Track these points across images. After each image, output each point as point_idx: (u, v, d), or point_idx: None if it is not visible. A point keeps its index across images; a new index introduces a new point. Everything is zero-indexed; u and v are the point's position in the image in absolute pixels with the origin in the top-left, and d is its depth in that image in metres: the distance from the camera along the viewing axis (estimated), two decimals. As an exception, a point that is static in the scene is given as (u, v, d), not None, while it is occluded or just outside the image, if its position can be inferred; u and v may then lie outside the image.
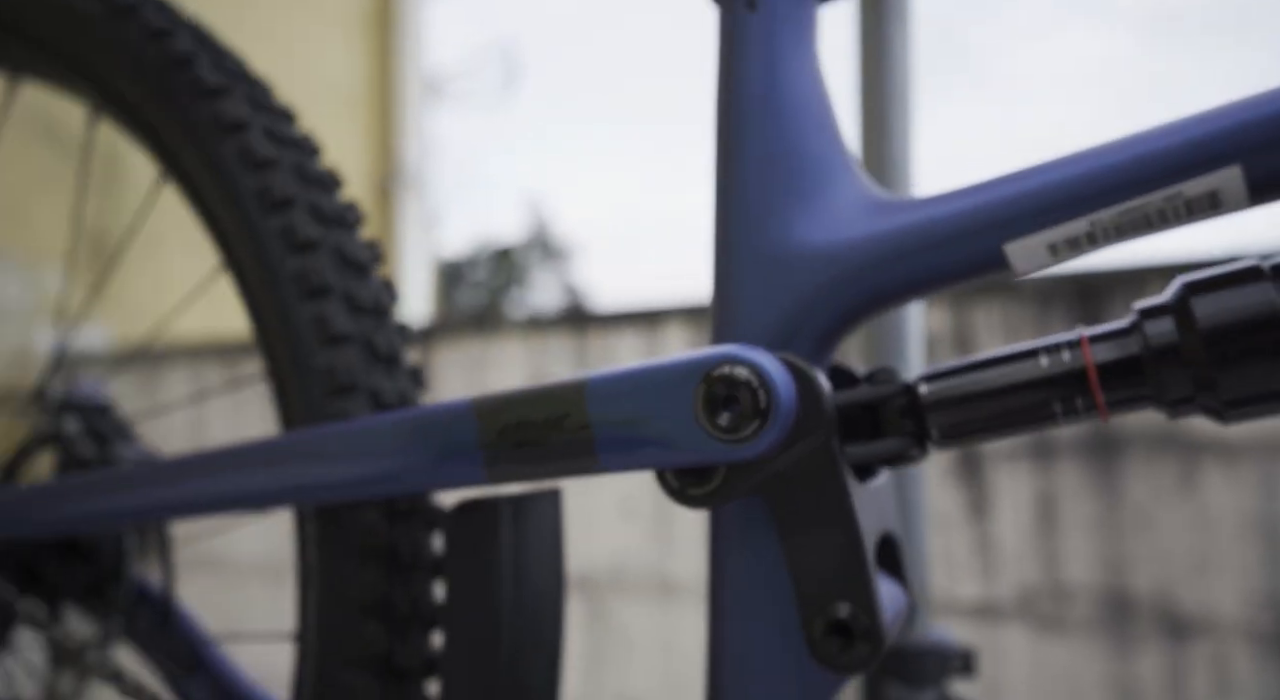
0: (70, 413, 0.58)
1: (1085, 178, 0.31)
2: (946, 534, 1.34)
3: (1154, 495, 1.21)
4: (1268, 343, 0.29)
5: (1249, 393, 0.29)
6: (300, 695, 0.44)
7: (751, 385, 0.32)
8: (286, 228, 0.44)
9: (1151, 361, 0.31)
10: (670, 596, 1.56)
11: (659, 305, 1.66)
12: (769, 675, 0.34)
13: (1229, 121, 0.30)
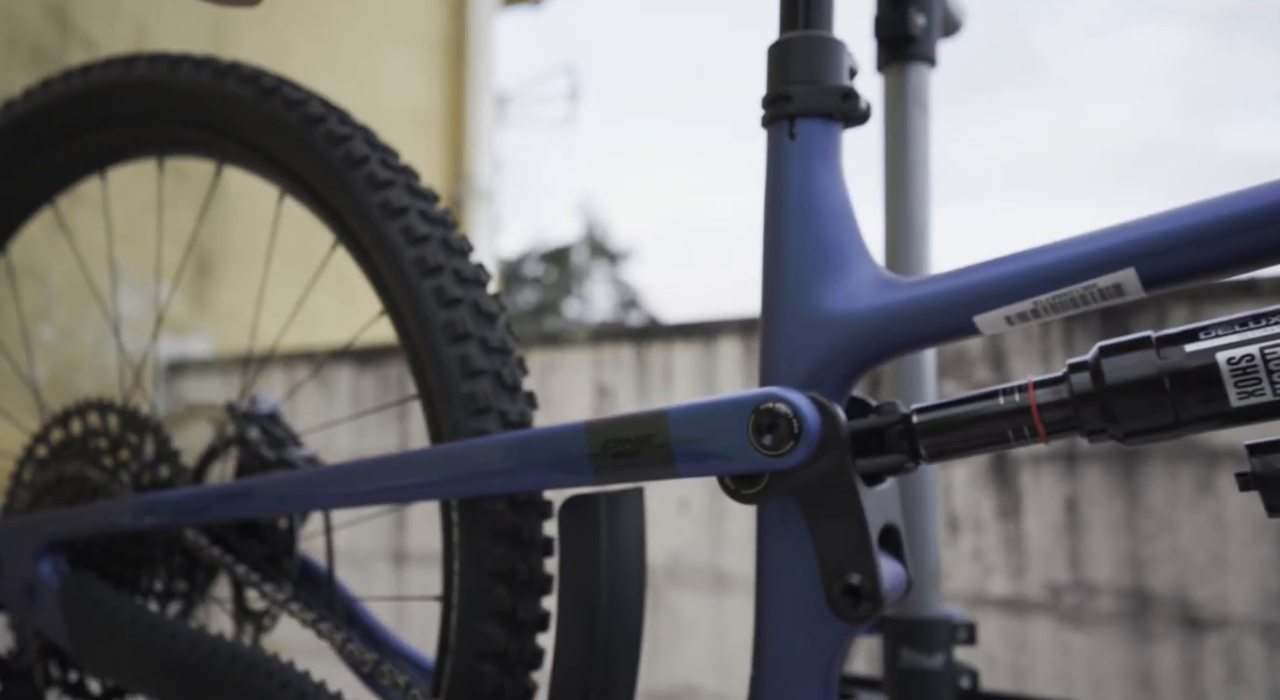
0: (251, 422, 0.73)
1: (1029, 271, 0.44)
2: (979, 534, 1.45)
3: (1172, 500, 1.31)
4: (1149, 392, 0.41)
5: (1138, 427, 0.42)
6: (446, 641, 0.58)
7: (788, 416, 0.45)
8: (437, 288, 0.59)
9: (1074, 403, 0.43)
10: (723, 588, 1.69)
11: (713, 318, 1.78)
12: (800, 624, 0.47)
13: (1126, 236, 0.42)
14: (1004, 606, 1.42)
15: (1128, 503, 1.35)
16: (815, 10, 0.51)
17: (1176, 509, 1.31)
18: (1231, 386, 0.39)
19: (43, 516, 0.64)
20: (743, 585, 1.66)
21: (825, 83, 0.50)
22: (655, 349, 1.82)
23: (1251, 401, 0.39)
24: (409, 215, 0.60)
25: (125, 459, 0.68)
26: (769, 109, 0.51)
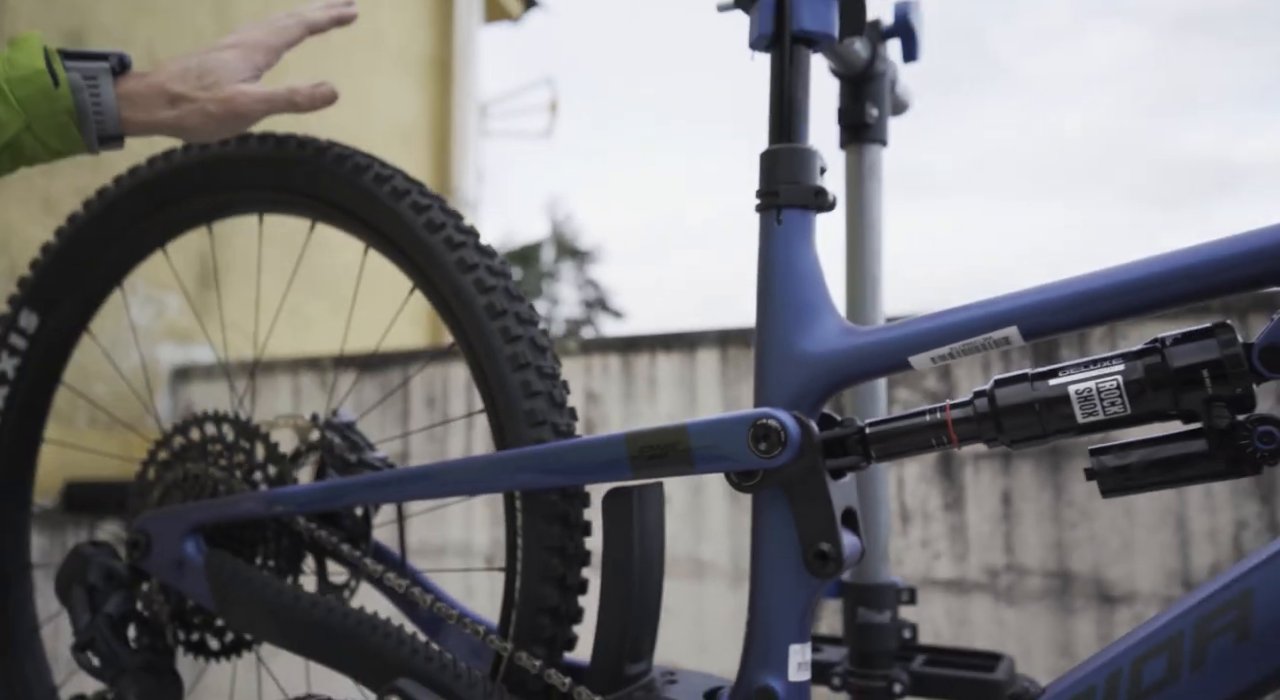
0: (334, 430, 0.90)
1: (946, 327, 0.62)
2: (927, 525, 1.65)
3: (1091, 493, 1.52)
4: (1025, 412, 0.60)
5: (1020, 437, 0.60)
6: (511, 600, 0.75)
7: (777, 429, 0.63)
8: (503, 328, 0.76)
9: (977, 419, 0.62)
10: (702, 576, 1.88)
11: (693, 330, 1.97)
12: (784, 580, 0.66)
13: (1012, 303, 0.61)
14: (948, 587, 1.62)
15: (1054, 496, 1.56)
16: (795, 128, 0.69)
17: (1094, 501, 1.52)
18: (1078, 409, 0.58)
19: (187, 506, 0.80)
20: (719, 573, 1.84)
21: (803, 183, 0.68)
22: (640, 359, 1.99)
23: (1091, 419, 0.58)
24: (479, 271, 0.77)
25: (239, 460, 0.85)
26: (762, 200, 0.69)
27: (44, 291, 0.96)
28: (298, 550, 0.84)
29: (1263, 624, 0.52)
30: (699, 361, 1.92)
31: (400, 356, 2.31)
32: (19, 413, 0.97)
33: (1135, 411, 0.56)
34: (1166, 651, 0.54)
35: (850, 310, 0.88)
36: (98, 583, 0.80)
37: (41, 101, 0.70)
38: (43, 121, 0.70)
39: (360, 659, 0.73)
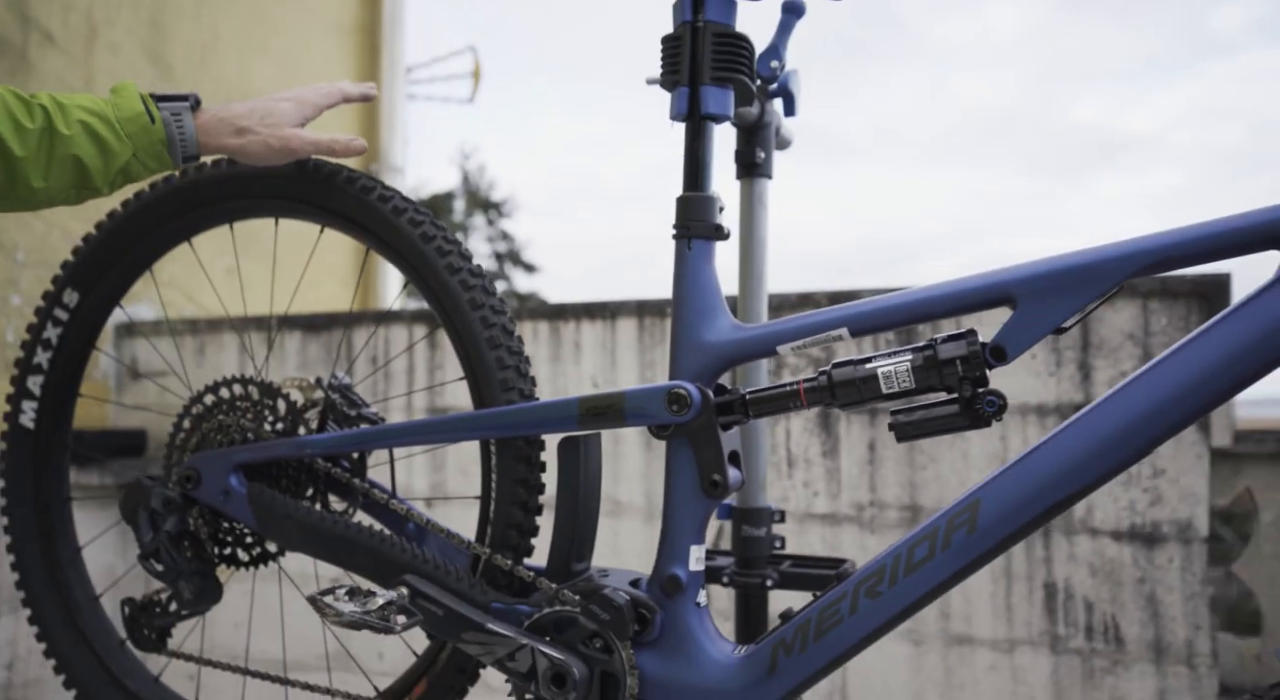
0: (336, 391, 1.13)
1: (800, 326, 0.90)
2: (809, 469, 1.98)
3: (936, 442, 1.86)
4: (850, 386, 0.88)
5: (845, 402, 0.89)
6: (486, 518, 1.01)
7: (684, 396, 0.90)
8: (482, 317, 1.01)
9: (819, 390, 0.90)
10: (619, 514, 2.17)
11: (614, 300, 2.23)
12: (687, 501, 0.93)
13: (846, 311, 0.89)
14: (824, 520, 1.95)
15: (909, 445, 1.90)
16: (702, 180, 0.95)
17: (939, 448, 1.87)
18: (882, 384, 0.87)
19: (233, 449, 1.03)
20: (635, 511, 2.14)
21: (707, 221, 0.95)
22: (567, 325, 2.25)
23: (890, 390, 0.87)
24: (463, 273, 1.01)
25: (263, 413, 1.08)
26: (677, 232, 0.95)
27: (84, 273, 1.16)
28: (313, 483, 1.08)
29: (985, 522, 0.83)
30: (619, 329, 2.19)
31: (342, 317, 2.50)
32: (60, 373, 1.18)
33: (918, 386, 0.86)
34: (928, 540, 0.84)
35: (742, 306, 1.16)
36: (158, 507, 1.03)
37: (143, 135, 0.91)
38: (144, 150, 0.92)
39: (374, 563, 0.99)
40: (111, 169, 0.91)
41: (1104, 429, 0.79)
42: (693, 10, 0.93)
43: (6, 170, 0.87)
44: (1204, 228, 0.78)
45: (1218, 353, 0.76)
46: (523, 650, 0.93)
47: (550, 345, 2.26)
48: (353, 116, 3.73)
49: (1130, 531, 1.72)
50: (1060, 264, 0.81)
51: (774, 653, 0.90)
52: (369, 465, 1.11)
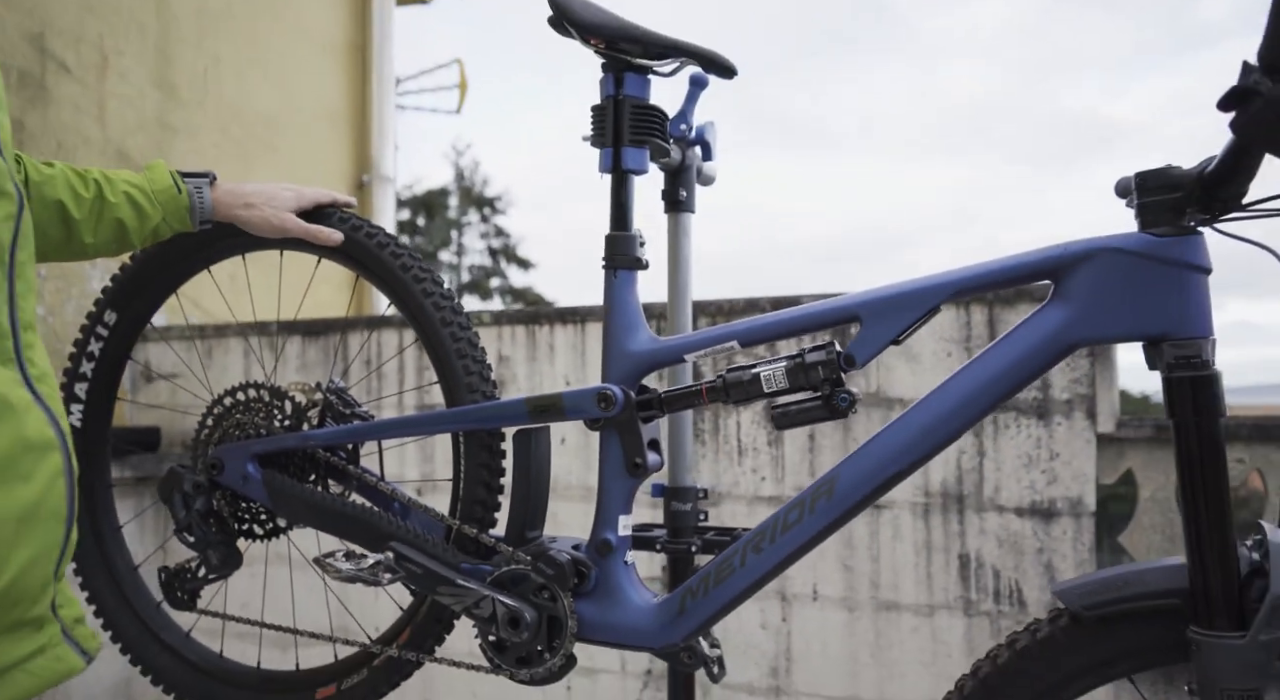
0: (331, 392, 1.36)
1: (700, 339, 1.14)
2: (756, 457, 2.21)
3: (867, 431, 2.10)
4: (740, 386, 1.12)
5: (736, 398, 1.13)
6: (457, 496, 1.24)
7: (611, 395, 1.14)
8: (451, 334, 1.24)
9: (716, 389, 1.14)
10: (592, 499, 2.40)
11: (585, 306, 2.46)
12: (616, 481, 1.17)
13: (738, 327, 1.12)
14: (769, 501, 2.19)
15: (844, 434, 2.14)
16: (625, 221, 1.19)
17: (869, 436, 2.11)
18: (764, 384, 1.10)
19: (249, 442, 1.26)
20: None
21: (630, 255, 1.18)
22: (542, 329, 2.49)
23: (770, 390, 1.10)
24: (435, 297, 1.25)
25: (273, 412, 1.31)
26: (606, 263, 1.19)
27: (121, 297, 1.39)
28: (315, 470, 1.32)
29: (840, 491, 1.06)
30: (588, 332, 2.42)
31: (338, 323, 2.73)
32: (101, 381, 1.41)
33: (790, 386, 1.09)
34: (799, 507, 1.08)
35: (670, 319, 1.39)
36: (189, 490, 1.26)
37: (171, 203, 1.14)
38: (172, 214, 1.15)
39: (366, 533, 1.22)
40: (145, 229, 1.14)
41: (926, 419, 1.03)
42: (614, 87, 1.16)
43: (65, 229, 1.10)
44: (1000, 263, 1.02)
45: (1009, 357, 0.99)
46: (485, 600, 1.16)
47: (527, 347, 2.50)
48: (346, 129, 3.95)
49: (1031, 508, 1.96)
50: (894, 291, 1.05)
51: (683, 598, 1.13)
52: (361, 455, 1.34)
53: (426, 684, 2.54)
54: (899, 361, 2.09)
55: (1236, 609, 0.88)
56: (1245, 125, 0.80)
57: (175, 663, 1.37)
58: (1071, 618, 0.99)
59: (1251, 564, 0.90)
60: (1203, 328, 0.91)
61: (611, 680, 2.34)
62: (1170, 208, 0.92)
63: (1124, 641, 0.96)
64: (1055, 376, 1.94)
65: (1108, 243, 0.95)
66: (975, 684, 1.02)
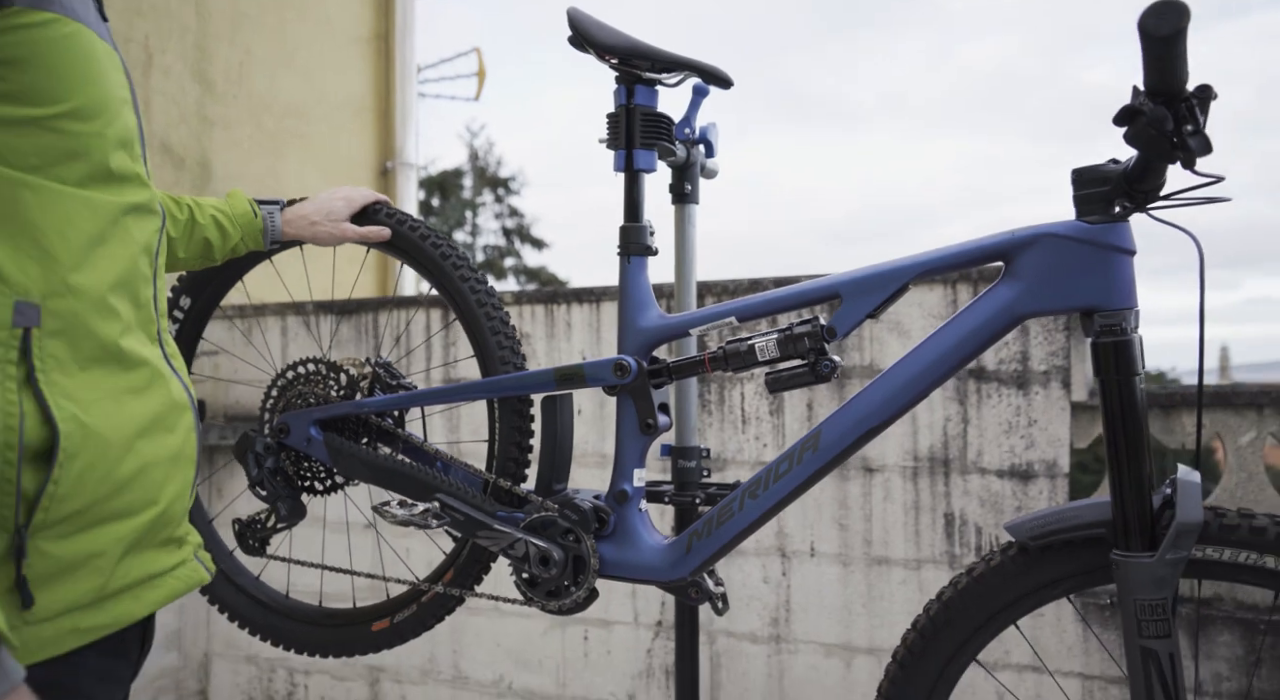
0: (381, 366, 1.54)
1: (701, 315, 1.31)
2: (759, 425, 2.39)
3: (859, 402, 2.27)
4: (739, 356, 1.29)
5: (736, 367, 1.30)
6: (492, 455, 1.43)
7: (626, 365, 1.32)
8: (486, 314, 1.42)
9: (718, 359, 1.31)
10: (606, 465, 2.59)
11: (599, 286, 2.64)
12: (631, 439, 1.35)
13: (730, 305, 1.30)
14: (771, 466, 2.37)
15: (839, 402, 2.31)
16: (638, 213, 1.36)
17: (860, 406, 2.28)
18: (758, 354, 1.28)
19: (311, 409, 1.45)
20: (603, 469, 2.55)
21: (641, 243, 1.36)
22: (560, 308, 2.67)
23: (764, 359, 1.28)
24: (473, 282, 1.43)
25: (330, 384, 1.50)
26: (620, 250, 1.36)
27: (194, 285, 1.57)
28: (368, 433, 1.50)
29: (824, 444, 1.24)
30: (603, 310, 2.60)
31: (371, 303, 2.92)
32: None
33: (781, 354, 1.26)
34: (788, 459, 1.26)
35: (676, 298, 1.56)
36: (260, 451, 1.45)
37: (248, 226, 1.33)
38: (248, 235, 1.34)
39: (415, 486, 1.41)
40: (226, 247, 1.33)
41: (899, 380, 1.20)
42: (627, 97, 1.33)
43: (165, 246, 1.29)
44: (960, 247, 1.18)
45: (967, 327, 1.16)
46: (519, 542, 1.35)
47: (546, 325, 2.68)
48: (370, 118, 4.12)
49: (1010, 470, 2.13)
50: (869, 272, 1.22)
51: (690, 539, 1.31)
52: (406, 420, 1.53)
53: (457, 636, 2.74)
54: (891, 336, 2.26)
55: (1149, 535, 1.05)
56: (1133, 137, 0.97)
57: (247, 602, 1.57)
58: (1020, 548, 1.17)
59: (1164, 498, 1.07)
60: (1127, 300, 1.08)
61: (625, 631, 2.54)
62: (1100, 199, 1.09)
63: (1062, 566, 1.14)
64: (1034, 350, 2.11)
65: (1049, 229, 1.12)
66: (940, 606, 1.20)
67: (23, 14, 0.75)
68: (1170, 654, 1.03)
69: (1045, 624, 2.09)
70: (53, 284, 0.77)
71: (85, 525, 0.77)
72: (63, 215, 0.78)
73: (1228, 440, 1.98)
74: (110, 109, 0.83)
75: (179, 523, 0.89)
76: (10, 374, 0.73)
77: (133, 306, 0.86)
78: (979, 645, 1.19)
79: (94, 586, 0.77)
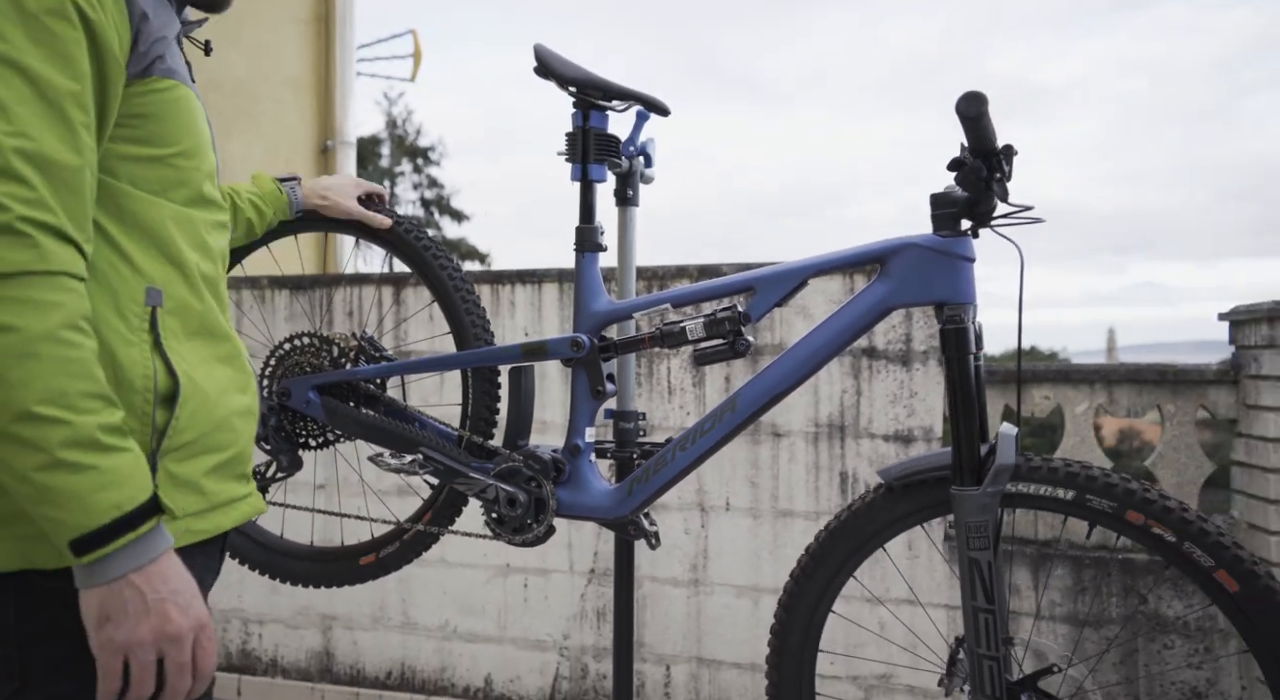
0: (365, 340, 1.80)
1: (642, 302, 1.62)
2: (683, 396, 2.72)
3: (769, 375, 2.62)
4: (670, 335, 1.60)
5: (669, 345, 1.61)
6: (465, 415, 1.71)
7: (581, 341, 1.61)
8: (462, 299, 1.69)
9: (655, 337, 1.62)
10: (544, 431, 2.88)
11: (540, 268, 2.91)
12: (584, 402, 1.65)
13: (669, 294, 1.60)
14: (693, 431, 2.70)
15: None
16: (590, 215, 1.65)
17: (770, 379, 2.63)
18: (688, 334, 1.58)
19: (309, 376, 1.70)
20: (557, 428, 2.85)
21: (593, 241, 1.65)
22: (504, 288, 2.93)
23: (693, 338, 1.58)
24: (450, 271, 1.69)
25: (323, 354, 1.74)
26: (576, 247, 1.65)
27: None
28: (356, 397, 1.76)
29: (740, 406, 1.55)
30: (544, 292, 2.88)
31: (324, 279, 3.13)
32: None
33: (706, 335, 1.57)
34: (711, 418, 1.57)
35: (619, 285, 1.86)
36: (264, 412, 1.70)
37: (277, 202, 1.57)
38: (278, 211, 1.58)
39: (400, 441, 1.67)
40: (263, 223, 1.57)
41: (798, 356, 1.52)
42: (583, 120, 1.62)
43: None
44: (848, 251, 1.51)
45: (851, 315, 1.49)
46: (490, 487, 1.64)
47: (491, 303, 2.94)
48: (311, 98, 4.27)
49: (895, 435, 2.51)
50: (777, 270, 1.53)
51: (630, 484, 1.62)
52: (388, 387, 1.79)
53: (405, 585, 3.01)
54: (798, 319, 2.61)
55: (977, 474, 1.40)
56: (961, 181, 1.32)
57: (247, 542, 1.82)
58: (888, 488, 1.51)
59: (990, 447, 1.43)
60: (967, 297, 1.43)
61: (561, 578, 2.85)
62: (950, 218, 1.43)
63: (917, 500, 1.49)
64: (916, 333, 2.48)
65: (913, 240, 1.45)
66: (825, 535, 1.54)
67: (156, 82, 1.00)
68: (989, 562, 1.38)
69: (919, 565, 2.49)
70: (168, 275, 1.02)
71: (193, 453, 1.02)
72: (175, 226, 1.03)
73: (1066, 409, 2.39)
74: (203, 150, 1.08)
75: (248, 462, 1.14)
76: (145, 340, 0.98)
77: (214, 297, 1.11)
78: (858, 562, 1.54)
79: (199, 501, 1.03)
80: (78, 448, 0.84)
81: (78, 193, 0.90)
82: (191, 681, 0.90)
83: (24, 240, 0.84)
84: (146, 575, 0.87)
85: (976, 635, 1.39)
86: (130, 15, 0.96)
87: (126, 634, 0.85)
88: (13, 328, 0.83)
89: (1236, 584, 1.29)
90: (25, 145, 0.85)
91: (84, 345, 0.87)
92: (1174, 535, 1.32)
